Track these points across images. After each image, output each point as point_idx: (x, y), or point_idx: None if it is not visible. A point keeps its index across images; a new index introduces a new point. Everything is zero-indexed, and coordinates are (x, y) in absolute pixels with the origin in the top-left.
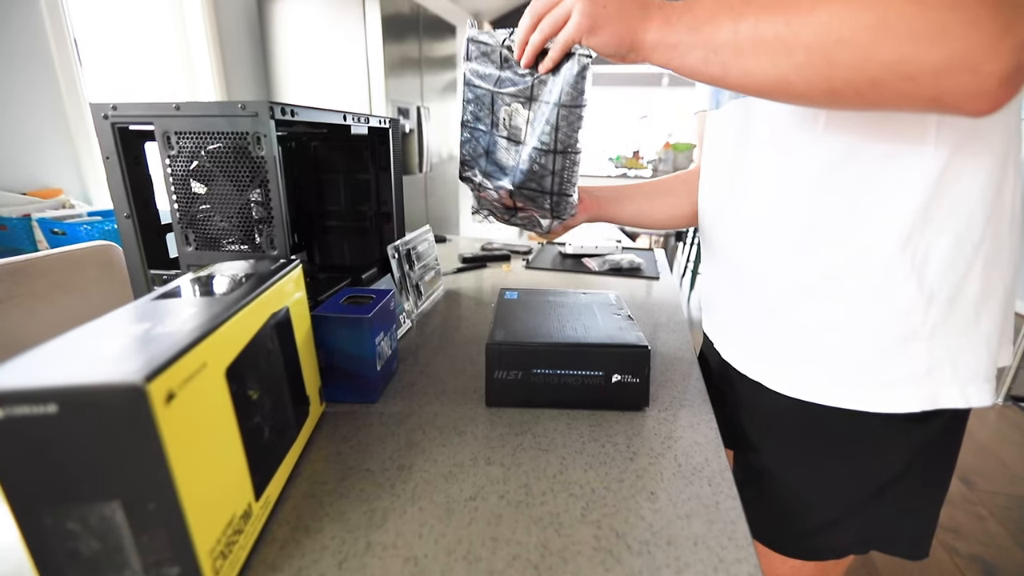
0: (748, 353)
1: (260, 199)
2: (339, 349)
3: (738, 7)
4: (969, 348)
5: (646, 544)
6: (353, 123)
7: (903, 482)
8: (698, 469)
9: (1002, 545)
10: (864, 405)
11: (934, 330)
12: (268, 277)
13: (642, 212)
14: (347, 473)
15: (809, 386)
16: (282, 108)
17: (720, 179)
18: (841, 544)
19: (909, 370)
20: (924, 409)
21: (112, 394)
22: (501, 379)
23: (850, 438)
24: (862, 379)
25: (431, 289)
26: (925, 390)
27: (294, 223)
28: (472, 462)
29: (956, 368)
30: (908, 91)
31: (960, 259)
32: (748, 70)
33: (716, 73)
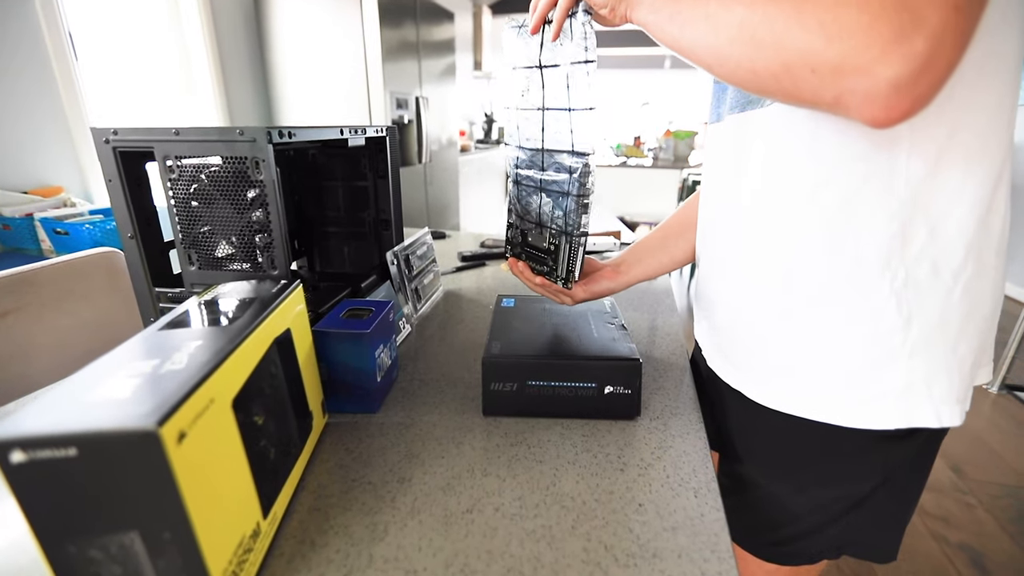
0: (733, 363)
1: (260, 221)
2: (340, 363)
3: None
4: (945, 371)
5: (633, 557)
6: (350, 136)
7: (878, 495)
8: (685, 480)
9: (991, 534)
10: (841, 420)
11: (912, 352)
12: (270, 302)
13: (664, 264)
14: (350, 486)
15: (789, 399)
16: (279, 132)
17: (716, 193)
18: (816, 551)
19: (886, 388)
20: (899, 427)
21: (128, 439)
22: (497, 391)
23: (830, 454)
24: (841, 395)
25: (430, 292)
26: (901, 408)
27: (294, 230)
28: (469, 473)
29: (931, 389)
30: (815, 86)
31: (939, 285)
32: (694, 39)
33: (675, 34)
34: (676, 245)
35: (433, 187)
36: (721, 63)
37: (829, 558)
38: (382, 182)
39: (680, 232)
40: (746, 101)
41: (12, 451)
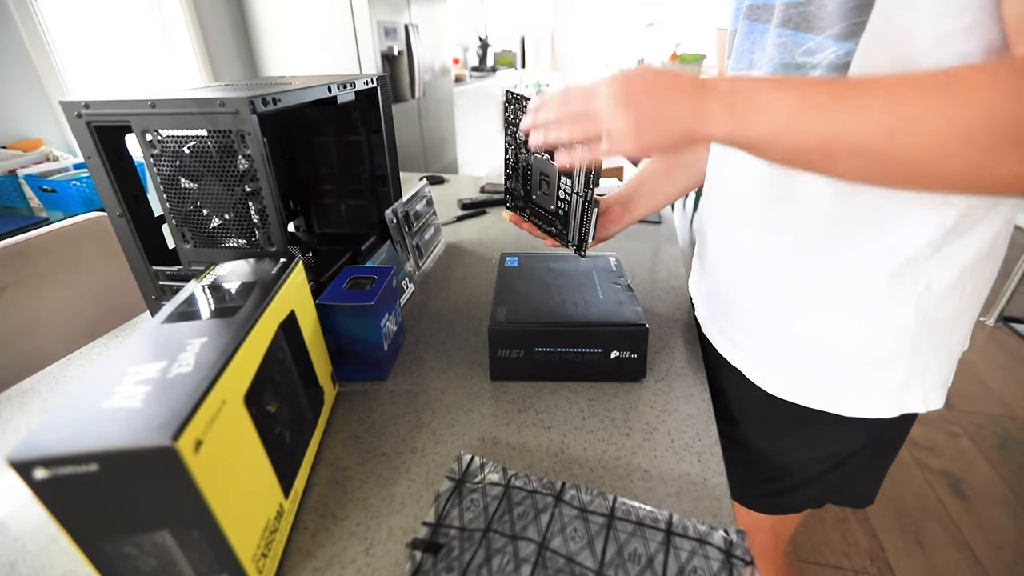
0: (733, 342)
1: (252, 196)
2: (347, 335)
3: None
4: (938, 362)
5: None
6: (339, 92)
7: (861, 455)
8: (689, 444)
9: (970, 460)
10: (838, 410)
11: (915, 349)
12: (271, 285)
13: (669, 196)
14: (365, 457)
15: (789, 387)
16: (263, 99)
17: (738, 159)
18: (800, 503)
19: (885, 382)
20: (891, 416)
21: (147, 455)
22: (504, 357)
23: (818, 424)
24: (842, 387)
25: (432, 246)
26: (895, 400)
27: (287, 190)
28: (480, 442)
29: (924, 380)
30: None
31: (957, 291)
32: (839, 173)
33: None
34: (681, 174)
35: (428, 121)
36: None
37: (812, 507)
38: (375, 136)
39: (685, 160)
40: (787, 62)
41: (35, 469)
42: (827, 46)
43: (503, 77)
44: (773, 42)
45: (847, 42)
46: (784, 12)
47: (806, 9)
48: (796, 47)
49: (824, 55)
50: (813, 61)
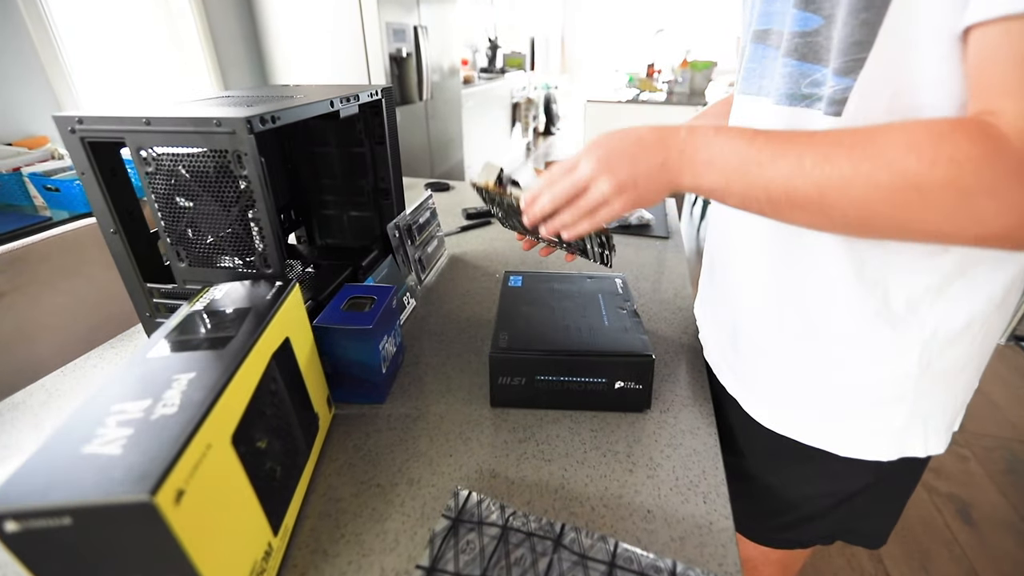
0: (736, 374)
1: (248, 217)
2: (344, 358)
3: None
4: (942, 407)
5: None
6: (342, 106)
7: (870, 492)
8: (694, 483)
9: (979, 484)
10: (836, 450)
11: (919, 394)
12: (265, 312)
13: None
14: (359, 488)
15: (789, 424)
16: (261, 118)
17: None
18: (808, 538)
19: (886, 425)
20: (889, 459)
21: (124, 509)
22: (505, 384)
23: (821, 463)
24: (842, 429)
25: (434, 259)
26: (895, 443)
27: (290, 200)
28: (477, 474)
29: (927, 424)
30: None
31: (966, 338)
32: (790, 222)
33: (761, 212)
34: None
35: (435, 122)
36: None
37: (821, 544)
38: (379, 148)
39: None
40: (792, 92)
41: (6, 522)
42: (828, 79)
43: (512, 79)
44: (780, 71)
45: (846, 78)
46: (791, 41)
47: (813, 40)
48: (802, 78)
49: (825, 88)
50: (818, 93)
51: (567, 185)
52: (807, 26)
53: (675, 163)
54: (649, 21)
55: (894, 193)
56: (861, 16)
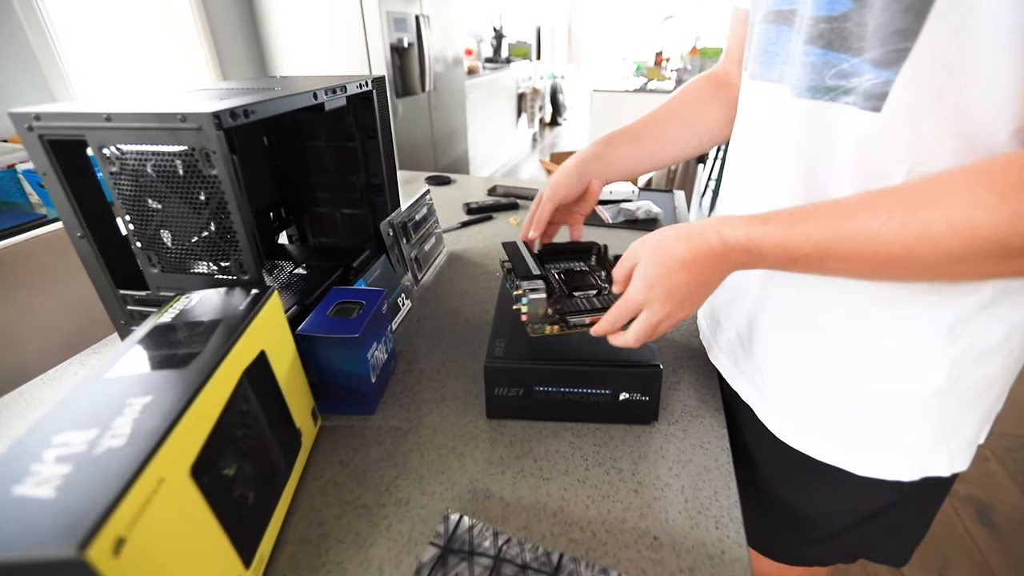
0: (753, 383)
1: (221, 219)
2: (329, 367)
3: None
4: (967, 424)
5: None
6: (327, 98)
7: (892, 512)
8: (705, 505)
9: (1000, 485)
10: (855, 468)
11: (945, 412)
12: (237, 324)
13: (647, 165)
14: (344, 510)
15: (808, 440)
16: (232, 113)
17: (763, 185)
18: (829, 556)
19: (909, 443)
20: (911, 479)
21: (50, 567)
22: (501, 395)
23: (840, 479)
24: (863, 446)
25: (432, 257)
26: (917, 461)
27: (279, 197)
28: (470, 495)
29: (950, 443)
30: None
31: (1001, 353)
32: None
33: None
34: (665, 144)
35: (439, 113)
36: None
37: (843, 562)
38: (371, 142)
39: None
40: (815, 84)
41: None
42: (863, 71)
43: (518, 69)
44: (801, 60)
45: (887, 70)
46: (815, 27)
47: (841, 26)
48: (827, 68)
49: (859, 80)
50: (846, 85)
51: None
52: (834, 10)
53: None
54: (657, 8)
55: (971, 253)
56: (905, 1)
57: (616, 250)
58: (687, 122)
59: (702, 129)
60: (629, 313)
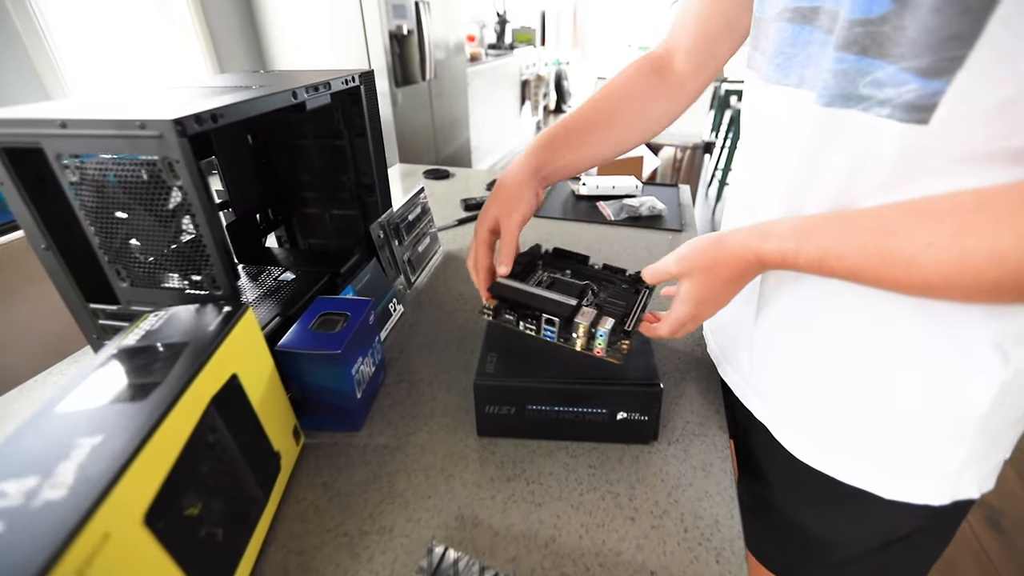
0: (761, 395)
1: (191, 232)
2: (312, 384)
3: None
4: (1003, 446)
5: None
6: (309, 96)
7: (917, 537)
8: (706, 536)
9: (1010, 489)
10: (880, 491)
11: (981, 434)
12: (205, 347)
13: (585, 168)
14: (325, 538)
15: (824, 457)
16: (197, 118)
17: (777, 191)
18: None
19: (940, 467)
20: (941, 504)
21: None
22: (493, 413)
23: (863, 502)
24: (886, 466)
25: (426, 258)
26: (949, 486)
27: (267, 197)
28: (458, 522)
29: (983, 465)
30: None
31: None
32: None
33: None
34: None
35: (440, 102)
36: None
37: None
38: (360, 141)
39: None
40: (847, 92)
41: None
42: (904, 81)
43: (521, 55)
44: (831, 67)
45: (935, 80)
46: (849, 32)
47: (879, 30)
48: (860, 76)
49: (898, 91)
50: (880, 96)
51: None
52: (871, 12)
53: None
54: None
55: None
56: (963, 3)
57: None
58: (631, 122)
59: (645, 127)
60: (680, 327)
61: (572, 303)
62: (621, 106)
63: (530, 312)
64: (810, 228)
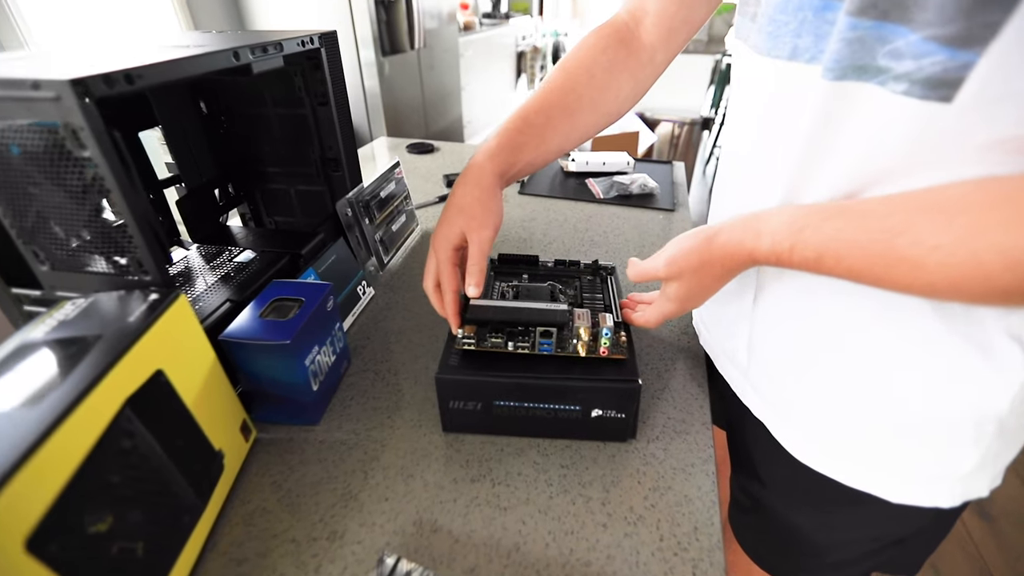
0: (759, 391)
1: (106, 210)
2: (262, 376)
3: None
4: (1013, 445)
5: None
6: (254, 58)
7: (920, 536)
8: (683, 545)
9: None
10: (889, 495)
11: (999, 435)
12: (119, 343)
13: (552, 154)
14: (270, 545)
15: (828, 459)
16: (106, 78)
17: (770, 170)
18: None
19: (953, 469)
20: (952, 505)
21: None
22: (458, 408)
23: (867, 506)
24: (896, 470)
25: (402, 238)
26: (961, 488)
27: (226, 171)
28: (415, 528)
29: (995, 464)
30: None
31: None
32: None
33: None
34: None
35: (432, 74)
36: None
37: None
38: (323, 110)
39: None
40: (862, 63)
41: None
42: (928, 51)
43: (517, 25)
44: (843, 35)
45: (964, 51)
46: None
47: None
48: (880, 44)
49: (919, 64)
50: (898, 69)
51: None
52: None
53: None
54: None
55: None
56: None
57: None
58: (593, 108)
59: (610, 111)
60: (664, 319)
61: (565, 308)
62: (584, 91)
63: (521, 329)
64: (806, 224)
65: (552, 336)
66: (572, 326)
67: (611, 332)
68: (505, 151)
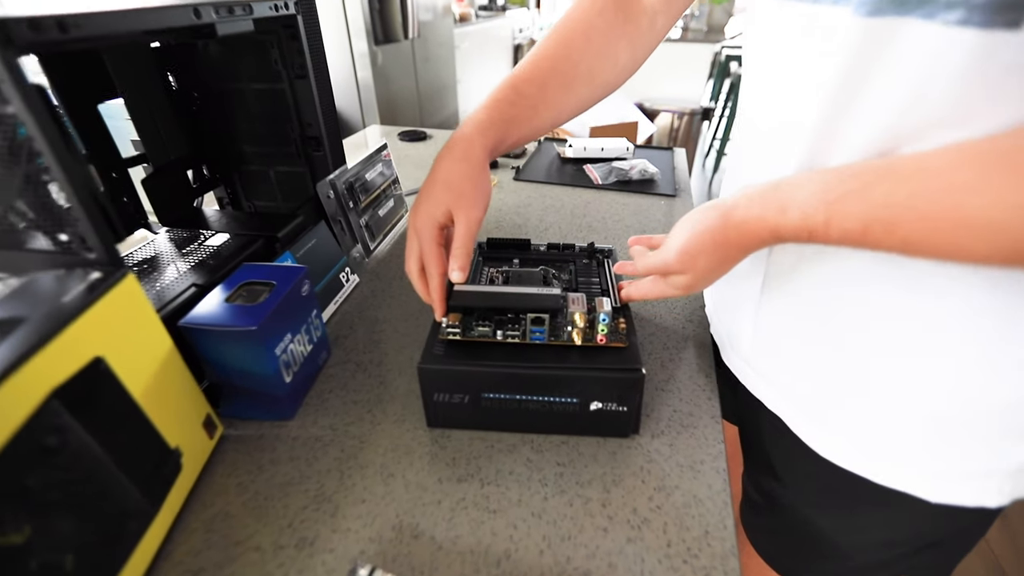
0: (775, 385)
1: (42, 180)
2: (229, 367)
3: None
4: None
5: None
6: (220, 19)
7: (952, 540)
8: (693, 551)
9: None
10: (926, 494)
11: None
12: (47, 326)
13: (543, 130)
14: (232, 553)
15: (856, 456)
16: (32, 23)
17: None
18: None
19: (1002, 464)
20: (1001, 505)
21: None
22: (443, 401)
23: (907, 508)
24: (935, 466)
25: (389, 223)
26: (1010, 486)
27: (199, 150)
28: (395, 534)
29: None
30: None
31: None
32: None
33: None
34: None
35: (427, 66)
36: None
37: None
38: (301, 84)
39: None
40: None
41: None
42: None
43: (514, 17)
44: None
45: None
46: None
47: None
48: None
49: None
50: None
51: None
52: None
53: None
54: None
55: None
56: None
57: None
58: (590, 78)
59: (607, 82)
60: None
61: (557, 292)
62: (581, 57)
63: (510, 316)
64: (847, 191)
65: (544, 323)
66: (566, 312)
67: (609, 318)
68: (496, 125)
